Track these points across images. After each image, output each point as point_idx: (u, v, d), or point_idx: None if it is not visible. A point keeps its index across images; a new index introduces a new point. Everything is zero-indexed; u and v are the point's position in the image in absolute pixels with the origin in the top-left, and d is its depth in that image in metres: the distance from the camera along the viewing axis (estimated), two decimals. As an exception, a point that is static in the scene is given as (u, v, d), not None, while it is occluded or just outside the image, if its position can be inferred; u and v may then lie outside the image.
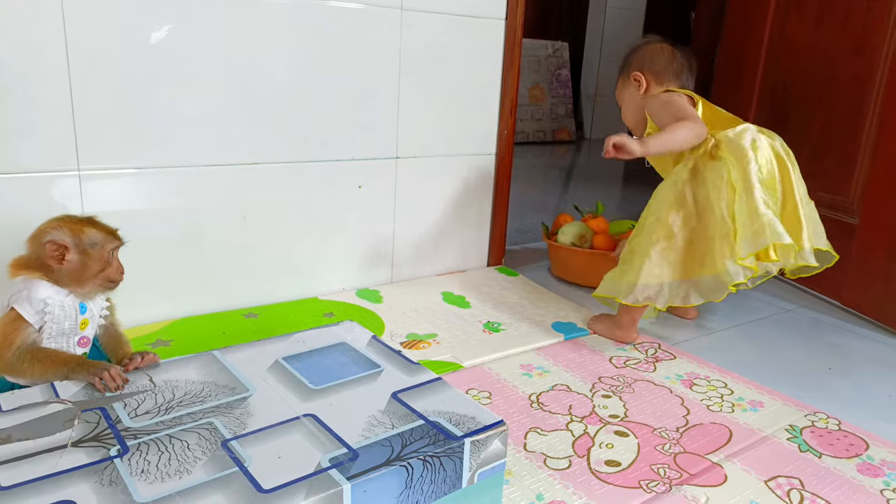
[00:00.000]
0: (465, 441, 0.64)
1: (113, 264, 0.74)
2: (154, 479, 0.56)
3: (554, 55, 3.71)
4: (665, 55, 1.20)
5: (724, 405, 0.97)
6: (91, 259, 0.71)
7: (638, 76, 1.20)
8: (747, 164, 1.05)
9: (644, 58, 1.21)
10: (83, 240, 0.71)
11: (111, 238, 0.73)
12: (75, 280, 0.71)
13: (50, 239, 0.69)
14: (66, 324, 0.71)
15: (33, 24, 0.91)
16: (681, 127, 1.07)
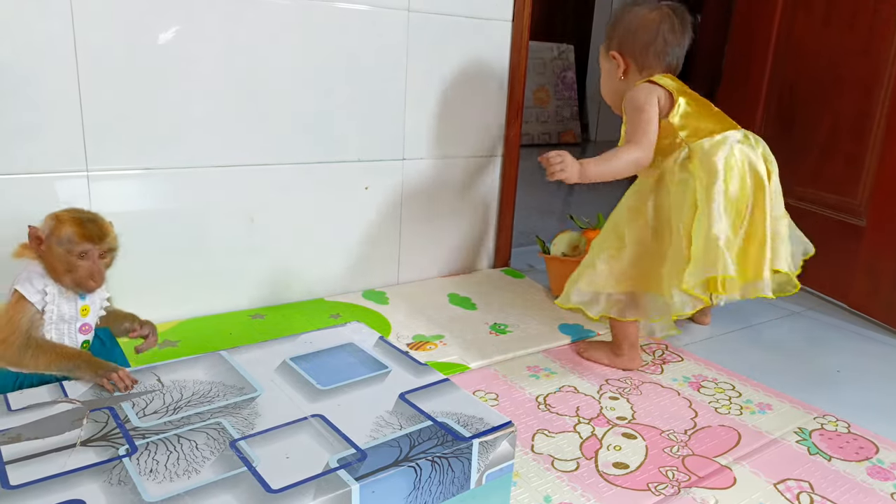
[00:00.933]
0: (474, 442, 0.64)
1: (80, 268, 0.69)
2: (163, 478, 0.56)
3: (559, 57, 3.71)
4: (650, 30, 1.06)
5: (733, 407, 0.96)
6: (55, 257, 0.69)
7: (615, 56, 1.09)
8: (713, 183, 0.97)
9: (627, 33, 1.08)
10: (54, 236, 0.69)
11: (83, 242, 0.69)
12: (51, 272, 0.70)
13: (31, 224, 0.70)
14: (65, 307, 0.71)
15: (43, 25, 0.91)
16: (623, 156, 1.00)
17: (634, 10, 1.09)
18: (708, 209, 0.96)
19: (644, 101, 1.02)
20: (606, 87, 1.13)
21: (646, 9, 1.08)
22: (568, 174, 0.97)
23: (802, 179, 1.53)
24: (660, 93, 1.03)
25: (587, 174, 0.99)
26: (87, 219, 0.71)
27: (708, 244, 0.95)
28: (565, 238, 1.39)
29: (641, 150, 1.01)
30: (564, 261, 1.33)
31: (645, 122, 1.02)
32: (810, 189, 1.51)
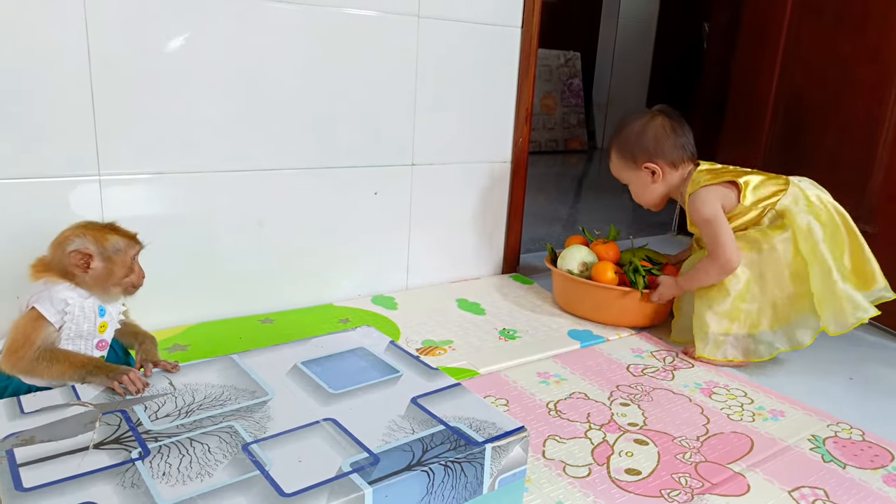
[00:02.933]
0: (487, 447, 0.63)
1: (135, 269, 0.75)
2: (175, 481, 0.56)
3: (566, 65, 3.71)
4: (667, 133, 1.19)
5: (745, 414, 0.96)
6: (115, 265, 0.72)
7: (651, 167, 1.20)
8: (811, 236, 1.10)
9: (649, 144, 1.20)
10: (107, 247, 0.72)
11: (132, 243, 0.74)
12: (100, 286, 0.72)
13: (74, 248, 0.70)
14: (84, 326, 0.71)
15: (57, 32, 0.92)
16: (712, 271, 1.12)
17: (638, 121, 1.21)
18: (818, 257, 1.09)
19: (710, 212, 1.13)
20: (643, 195, 1.25)
21: (646, 117, 1.21)
22: (671, 294, 1.21)
23: (812, 186, 1.53)
24: (720, 192, 1.15)
25: (683, 288, 1.19)
26: (111, 225, 0.75)
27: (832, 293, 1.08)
28: (576, 254, 1.30)
29: (725, 257, 1.11)
30: (571, 279, 1.26)
31: (720, 230, 1.12)
32: (820, 195, 1.50)
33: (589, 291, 1.25)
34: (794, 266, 1.10)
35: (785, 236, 1.10)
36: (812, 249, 1.09)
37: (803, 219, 1.10)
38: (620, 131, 1.24)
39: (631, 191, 1.28)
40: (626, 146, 1.22)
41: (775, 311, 1.11)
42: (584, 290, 1.26)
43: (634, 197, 1.28)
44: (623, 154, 1.23)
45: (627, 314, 1.24)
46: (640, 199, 1.27)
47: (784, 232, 1.11)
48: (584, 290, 1.26)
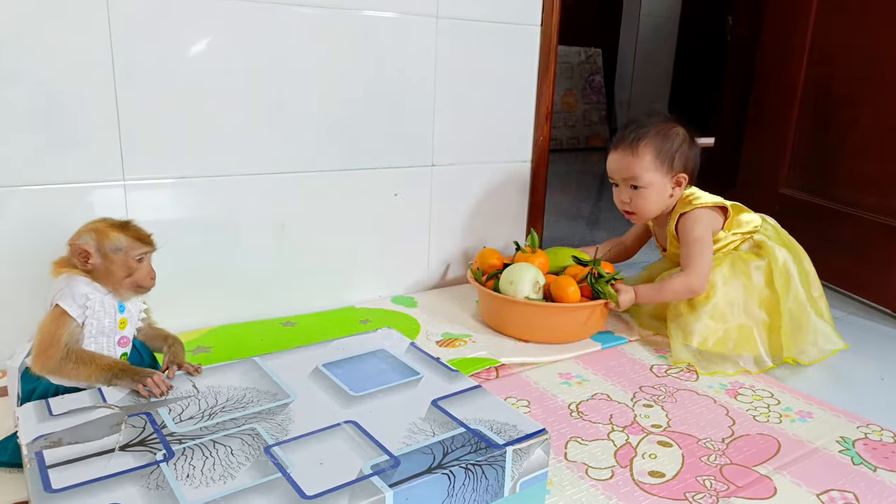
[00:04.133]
0: (507, 449, 0.63)
1: (140, 270, 0.73)
2: (199, 483, 0.57)
3: (587, 62, 3.69)
4: (695, 146, 1.17)
5: (772, 415, 0.94)
6: (113, 264, 0.72)
7: (682, 179, 1.16)
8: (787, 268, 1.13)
9: (690, 156, 1.16)
10: (106, 245, 0.72)
11: (137, 244, 0.73)
12: (105, 282, 0.72)
13: (72, 242, 0.71)
14: (105, 321, 0.72)
15: (82, 40, 0.93)
16: (685, 287, 1.12)
17: (670, 124, 1.16)
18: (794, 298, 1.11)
19: (701, 232, 1.13)
20: (653, 205, 1.17)
21: (674, 125, 1.16)
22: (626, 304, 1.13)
23: (840, 181, 1.50)
24: (712, 216, 1.16)
25: (641, 297, 1.14)
26: (124, 223, 0.75)
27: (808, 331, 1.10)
28: (525, 274, 1.13)
29: (698, 280, 1.11)
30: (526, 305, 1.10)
31: (704, 252, 1.13)
32: (848, 191, 1.47)
33: (556, 315, 1.12)
34: (764, 296, 1.12)
35: (760, 264, 1.13)
36: (786, 284, 1.12)
37: (780, 254, 1.13)
38: (663, 132, 1.15)
39: (639, 196, 1.16)
40: (667, 149, 1.15)
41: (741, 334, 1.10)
42: (548, 314, 1.12)
43: (639, 203, 1.16)
44: (661, 156, 1.14)
45: (590, 328, 1.16)
46: (646, 207, 1.17)
47: (760, 260, 1.14)
48: (547, 315, 1.12)
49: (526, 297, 1.11)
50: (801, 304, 1.11)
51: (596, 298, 1.13)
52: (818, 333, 1.11)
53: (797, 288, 1.12)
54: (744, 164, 1.83)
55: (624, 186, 1.17)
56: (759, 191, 1.76)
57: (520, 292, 1.12)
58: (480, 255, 1.26)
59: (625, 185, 1.17)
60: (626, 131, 1.17)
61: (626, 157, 1.16)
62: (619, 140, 1.18)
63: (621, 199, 1.19)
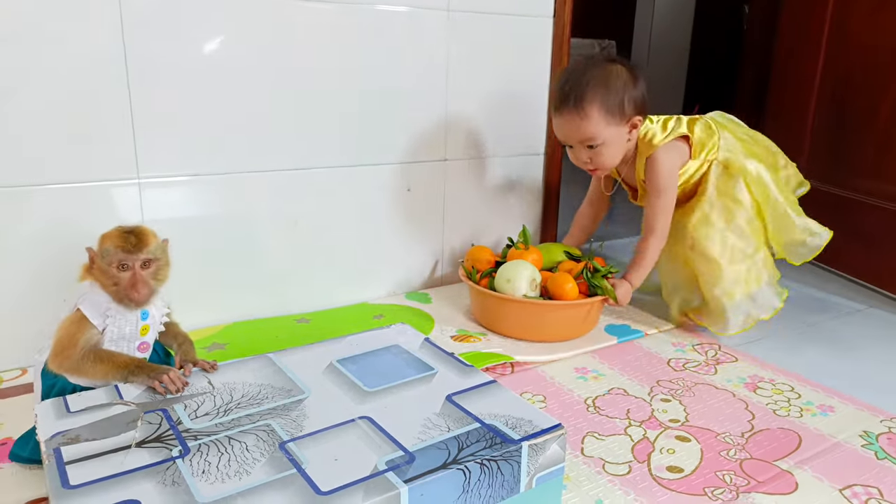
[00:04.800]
0: (523, 445, 0.63)
1: (123, 279, 0.69)
2: (215, 479, 0.57)
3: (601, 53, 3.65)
4: (639, 79, 1.09)
5: (792, 409, 0.93)
6: (101, 273, 0.70)
7: (638, 121, 1.10)
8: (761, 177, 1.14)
9: (638, 95, 1.08)
10: (99, 252, 0.71)
11: (119, 252, 0.69)
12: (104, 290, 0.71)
13: (88, 247, 0.71)
14: (127, 329, 0.72)
15: (95, 39, 0.94)
16: (654, 251, 1.14)
17: (607, 67, 1.08)
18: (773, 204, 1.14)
19: (670, 176, 1.12)
20: (614, 156, 1.11)
21: (611, 64, 1.08)
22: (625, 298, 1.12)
23: (862, 171, 1.47)
24: (678, 150, 1.13)
25: (636, 284, 1.14)
26: (127, 231, 0.71)
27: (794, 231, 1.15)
28: (521, 272, 1.10)
29: (664, 237, 1.14)
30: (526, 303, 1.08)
31: (667, 209, 1.13)
32: (870, 181, 1.44)
33: (555, 312, 1.09)
34: (754, 210, 1.14)
35: (740, 187, 1.13)
36: (764, 193, 1.14)
37: (750, 165, 1.13)
38: (603, 81, 1.05)
39: (597, 154, 1.09)
40: (613, 99, 1.05)
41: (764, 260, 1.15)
42: (548, 311, 1.09)
43: (599, 160, 1.10)
44: (610, 107, 1.05)
45: (588, 324, 1.14)
46: (607, 162, 1.10)
47: (737, 183, 1.13)
48: (547, 312, 1.09)
49: (524, 295, 1.08)
50: (782, 210, 1.14)
51: (593, 294, 1.11)
52: (804, 231, 1.15)
53: (776, 197, 1.14)
54: (762, 155, 1.80)
55: (580, 147, 1.10)
56: (777, 182, 1.73)
57: (517, 290, 1.08)
58: (471, 252, 1.22)
59: (580, 146, 1.10)
60: (565, 90, 1.07)
61: (573, 120, 1.07)
62: (560, 102, 1.08)
63: (580, 160, 1.12)
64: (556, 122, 1.10)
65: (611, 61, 1.09)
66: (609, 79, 1.06)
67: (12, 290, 0.96)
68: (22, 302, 0.96)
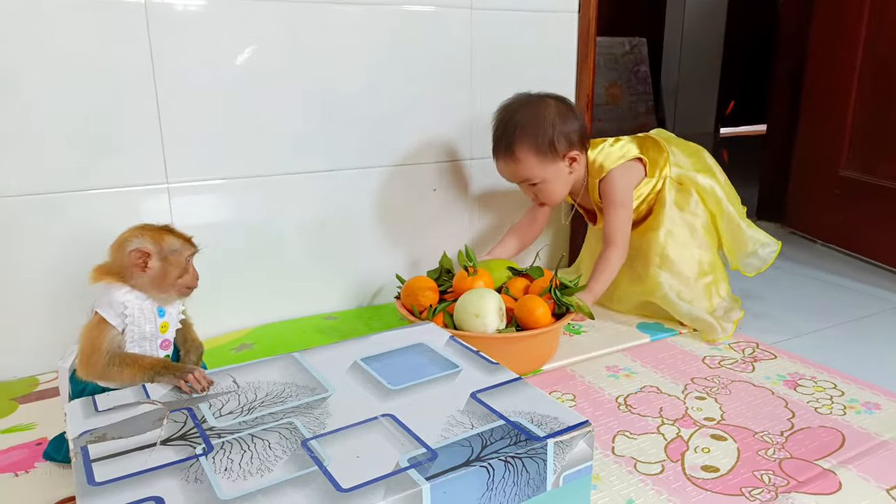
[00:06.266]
0: (549, 442, 0.61)
1: (189, 271, 0.75)
2: (237, 477, 0.56)
3: (632, 52, 3.60)
4: (574, 116, 1.10)
5: (835, 407, 0.89)
6: (171, 265, 0.73)
7: (574, 155, 1.09)
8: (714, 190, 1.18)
9: (570, 130, 1.08)
10: (164, 247, 0.73)
11: (188, 245, 0.75)
12: (156, 286, 0.73)
13: (134, 247, 0.72)
14: (146, 327, 0.73)
15: (123, 48, 0.96)
16: (616, 263, 1.13)
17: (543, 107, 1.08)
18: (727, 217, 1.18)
19: (625, 196, 1.13)
20: (559, 192, 1.13)
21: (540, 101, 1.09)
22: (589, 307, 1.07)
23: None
24: (632, 171, 1.15)
25: (598, 296, 1.13)
26: (171, 228, 0.76)
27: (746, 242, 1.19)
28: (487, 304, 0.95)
29: (625, 249, 1.14)
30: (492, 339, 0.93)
31: (625, 221, 1.14)
32: (915, 170, 1.39)
33: (529, 343, 0.96)
34: (710, 222, 1.18)
35: (695, 199, 1.17)
36: (718, 205, 1.18)
37: (703, 180, 1.17)
38: (529, 122, 1.06)
39: (541, 190, 1.11)
40: (543, 137, 1.06)
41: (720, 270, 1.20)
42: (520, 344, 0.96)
43: (545, 196, 1.12)
44: (541, 147, 1.06)
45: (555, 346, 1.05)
46: (554, 197, 1.13)
47: (692, 197, 1.17)
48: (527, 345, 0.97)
49: (497, 330, 0.95)
50: (735, 221, 1.18)
51: (562, 312, 0.99)
52: (756, 242, 1.18)
53: (728, 208, 1.18)
54: (799, 147, 1.75)
55: (524, 186, 1.14)
56: (817, 174, 1.68)
57: (490, 326, 0.94)
58: (409, 287, 1.03)
59: (524, 185, 1.13)
60: (496, 136, 1.11)
61: (508, 164, 1.10)
62: (494, 146, 1.12)
63: (528, 196, 1.16)
64: (496, 164, 1.13)
65: (541, 98, 1.10)
66: (537, 119, 1.07)
67: (46, 296, 0.98)
68: (56, 307, 0.98)
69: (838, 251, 1.62)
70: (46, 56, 0.91)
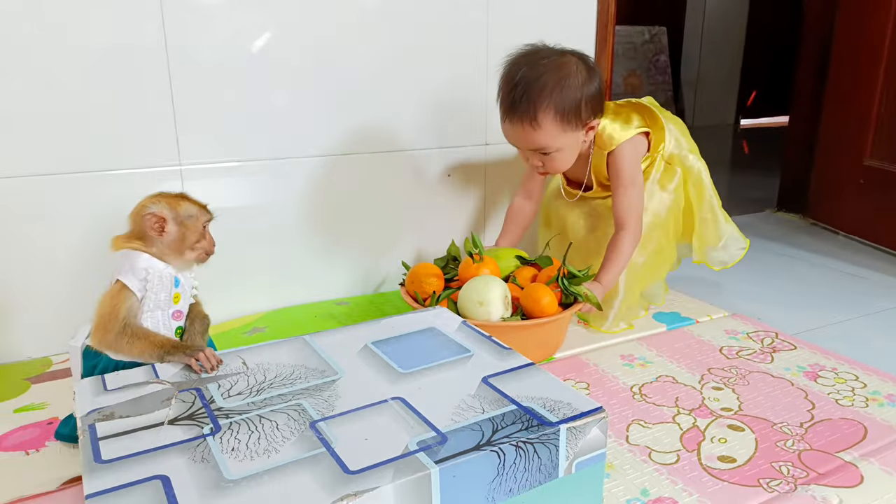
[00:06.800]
0: (561, 427, 0.60)
1: (206, 237, 0.76)
2: (244, 457, 0.56)
3: (651, 41, 3.56)
4: (595, 73, 0.96)
5: (856, 399, 0.87)
6: (188, 230, 0.74)
7: (596, 123, 0.98)
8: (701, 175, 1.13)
9: (595, 96, 0.96)
10: (180, 212, 0.74)
11: (204, 211, 0.76)
12: (175, 250, 0.74)
13: (150, 212, 0.72)
14: (161, 295, 0.73)
15: (134, 28, 0.95)
16: (628, 248, 1.03)
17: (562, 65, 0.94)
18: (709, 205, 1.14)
19: (635, 174, 1.05)
20: (572, 158, 1.00)
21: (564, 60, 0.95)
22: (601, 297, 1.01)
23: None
24: (638, 146, 1.06)
25: (609, 286, 1.03)
26: (186, 195, 0.77)
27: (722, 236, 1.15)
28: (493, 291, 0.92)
29: (639, 232, 1.05)
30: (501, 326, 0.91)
31: (638, 201, 1.05)
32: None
33: (534, 332, 0.94)
34: (683, 207, 1.13)
35: (675, 183, 1.11)
36: (699, 192, 1.12)
37: (693, 162, 1.12)
38: (558, 83, 0.92)
39: (551, 159, 0.98)
40: (570, 104, 0.93)
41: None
42: (523, 333, 0.93)
43: (553, 164, 0.99)
44: (566, 115, 0.93)
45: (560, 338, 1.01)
46: (562, 166, 1.00)
47: (674, 178, 1.11)
48: (532, 333, 0.94)
49: (501, 318, 0.93)
50: (714, 210, 1.14)
51: (570, 302, 0.97)
52: (729, 237, 1.15)
53: (710, 195, 1.13)
54: (824, 137, 1.71)
55: (531, 153, 0.99)
56: (841, 164, 1.64)
57: (493, 315, 0.92)
58: (414, 274, 1.01)
59: (532, 153, 0.99)
60: (515, 95, 0.94)
61: (525, 130, 0.95)
62: (510, 107, 0.95)
63: (532, 164, 1.01)
64: (504, 127, 0.98)
65: (562, 54, 0.96)
66: (564, 77, 0.93)
67: (60, 276, 0.98)
68: (72, 288, 0.98)
69: (860, 242, 1.59)
70: (58, 35, 0.91)
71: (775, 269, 1.41)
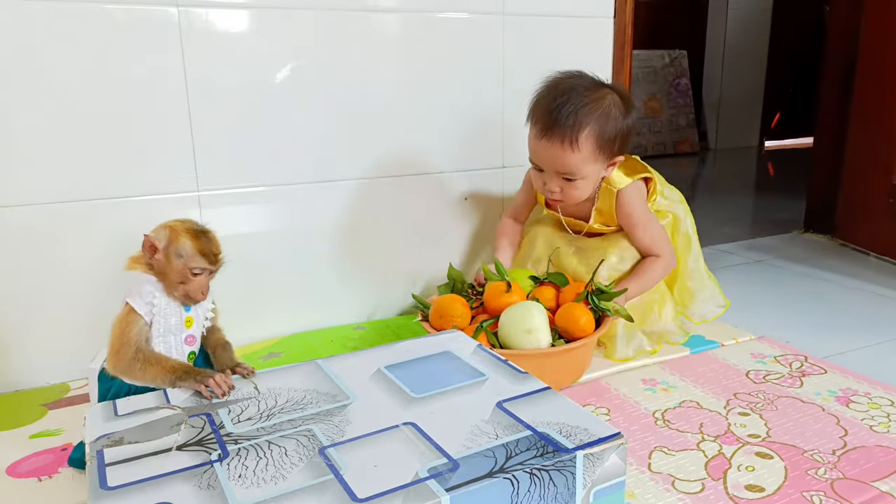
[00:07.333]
0: (578, 454, 0.58)
1: (193, 283, 0.71)
2: (250, 483, 0.55)
3: (671, 64, 3.54)
4: (632, 109, 0.98)
5: (892, 425, 0.83)
6: (171, 268, 0.71)
7: (619, 160, 1.00)
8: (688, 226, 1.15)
9: (625, 132, 0.97)
10: (175, 247, 0.71)
11: (199, 257, 0.71)
12: (162, 281, 0.72)
13: (148, 234, 0.72)
14: (171, 319, 0.72)
15: (154, 56, 0.97)
16: (659, 271, 1.05)
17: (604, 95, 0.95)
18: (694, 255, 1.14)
19: (646, 211, 1.06)
20: (588, 190, 1.00)
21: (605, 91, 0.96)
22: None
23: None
24: (642, 189, 1.08)
25: (632, 297, 1.03)
26: (201, 232, 0.73)
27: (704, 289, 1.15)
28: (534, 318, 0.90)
29: (672, 259, 1.07)
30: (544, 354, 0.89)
31: (661, 229, 1.07)
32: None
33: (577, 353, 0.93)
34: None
35: (665, 223, 1.11)
36: (687, 244, 1.13)
37: (681, 210, 1.13)
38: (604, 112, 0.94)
39: (572, 187, 0.98)
40: (609, 134, 0.95)
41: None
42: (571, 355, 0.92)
43: (571, 193, 0.99)
44: (603, 144, 0.95)
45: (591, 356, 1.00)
46: (579, 196, 1.00)
47: (665, 219, 1.12)
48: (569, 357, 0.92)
49: (550, 343, 0.90)
50: (700, 262, 1.14)
51: (600, 318, 0.96)
52: (711, 291, 1.15)
53: (696, 247, 1.14)
54: (850, 156, 1.67)
55: (554, 177, 0.98)
56: (869, 183, 1.60)
57: (543, 341, 0.89)
58: (439, 305, 0.96)
59: (556, 176, 0.98)
60: (561, 113, 0.93)
61: (563, 150, 0.94)
62: (550, 124, 0.94)
63: (549, 188, 0.99)
64: (538, 144, 0.96)
65: (603, 85, 0.98)
66: (609, 109, 0.95)
67: (78, 303, 0.99)
68: (90, 314, 0.99)
69: (892, 263, 1.54)
70: (82, 64, 0.93)
71: (803, 292, 1.37)
